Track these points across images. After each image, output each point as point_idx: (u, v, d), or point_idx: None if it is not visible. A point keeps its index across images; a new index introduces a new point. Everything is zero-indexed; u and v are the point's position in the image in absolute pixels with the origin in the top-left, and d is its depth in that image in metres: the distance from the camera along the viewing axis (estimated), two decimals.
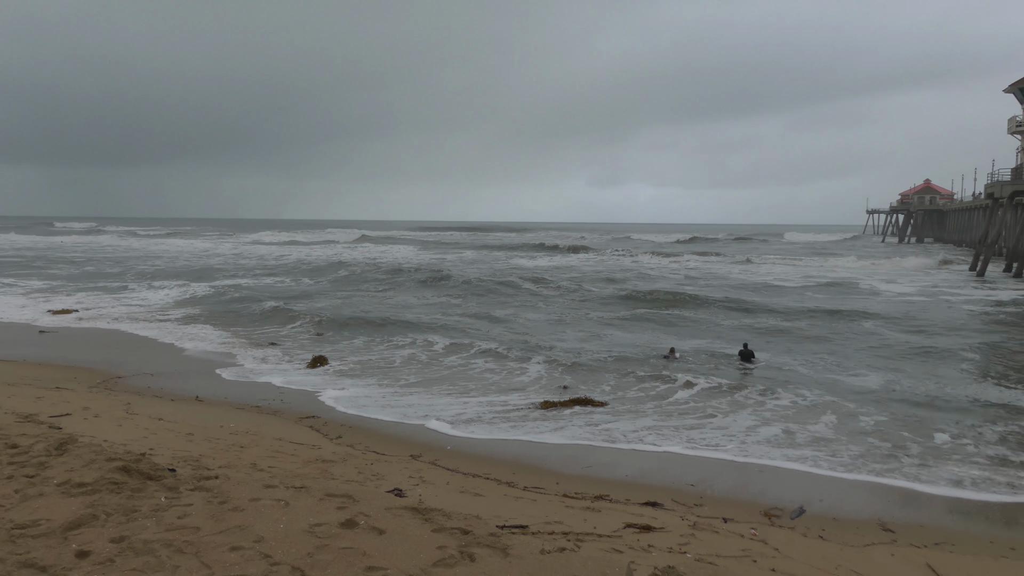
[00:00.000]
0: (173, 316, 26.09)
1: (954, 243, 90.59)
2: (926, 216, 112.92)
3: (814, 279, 45.22)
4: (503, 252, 77.75)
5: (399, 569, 4.61)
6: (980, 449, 11.52)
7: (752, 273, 51.11)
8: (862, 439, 11.93)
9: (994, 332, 24.60)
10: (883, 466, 10.62)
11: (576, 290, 36.23)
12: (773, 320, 26.29)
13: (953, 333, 24.02)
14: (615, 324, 25.50)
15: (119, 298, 31.63)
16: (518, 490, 8.98)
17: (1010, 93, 50.16)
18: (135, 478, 6.11)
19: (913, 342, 21.99)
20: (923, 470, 10.44)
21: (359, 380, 16.25)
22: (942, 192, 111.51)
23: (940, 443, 11.78)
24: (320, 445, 10.63)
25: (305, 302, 30.49)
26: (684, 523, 7.59)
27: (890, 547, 7.64)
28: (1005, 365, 18.82)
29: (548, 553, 5.19)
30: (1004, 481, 10.02)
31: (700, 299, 31.71)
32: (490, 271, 48.54)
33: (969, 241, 74.75)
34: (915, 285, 42.35)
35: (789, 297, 35.01)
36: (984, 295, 36.68)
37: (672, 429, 12.41)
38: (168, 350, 19.56)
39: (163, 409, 12.36)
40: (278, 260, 59.76)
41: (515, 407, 13.94)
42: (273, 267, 51.90)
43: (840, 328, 24.54)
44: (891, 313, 28.51)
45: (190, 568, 4.45)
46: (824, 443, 11.70)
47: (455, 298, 33.47)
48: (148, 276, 43.13)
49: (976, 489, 9.69)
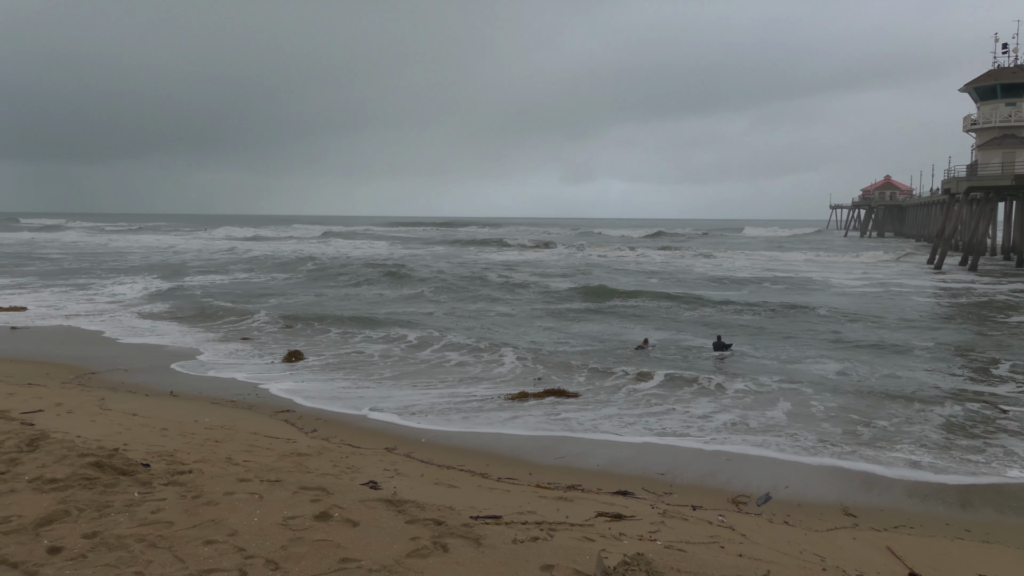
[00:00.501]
0: (142, 312, 25.85)
1: (913, 237, 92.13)
2: (886, 211, 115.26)
3: (772, 272, 46.17)
4: (474, 247, 77.99)
5: (373, 560, 4.69)
6: (933, 434, 11.92)
7: (715, 267, 52.45)
8: (822, 426, 12.26)
9: (944, 321, 25.42)
10: (842, 449, 10.96)
11: (545, 284, 36.57)
12: (733, 313, 26.76)
13: (906, 323, 24.70)
14: (584, 317, 25.73)
15: (86, 294, 31.22)
16: (492, 481, 9.08)
17: (965, 92, 51.09)
18: (108, 473, 6.13)
19: (868, 332, 22.60)
20: (881, 454, 10.77)
21: (335, 375, 16.26)
22: (902, 188, 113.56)
23: (895, 429, 12.15)
24: (295, 439, 10.65)
25: (275, 298, 30.41)
26: (654, 511, 7.74)
27: (852, 531, 7.87)
28: (953, 353, 19.46)
29: (521, 542, 5.29)
30: (958, 464, 10.38)
31: (664, 293, 32.29)
32: (459, 266, 48.76)
33: (927, 235, 76.10)
34: (873, 278, 43.37)
35: (748, 289, 35.83)
36: (938, 286, 37.64)
37: (643, 419, 12.60)
38: (140, 346, 19.41)
39: (137, 404, 12.30)
40: (246, 256, 59.36)
41: (489, 398, 14.05)
42: (241, 262, 51.57)
43: (799, 319, 25.06)
44: (847, 305, 29.30)
45: (163, 562, 4.50)
46: (787, 430, 12.00)
47: (425, 293, 33.53)
48: (114, 272, 42.59)
49: (933, 471, 10.02)
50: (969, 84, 50.16)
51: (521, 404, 13.58)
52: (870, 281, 41.19)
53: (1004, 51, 49.89)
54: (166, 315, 25.13)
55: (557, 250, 72.60)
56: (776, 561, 5.92)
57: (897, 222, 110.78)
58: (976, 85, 49.57)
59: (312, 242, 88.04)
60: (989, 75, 49.45)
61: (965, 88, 50.75)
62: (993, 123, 48.85)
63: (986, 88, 49.06)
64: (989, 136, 49.27)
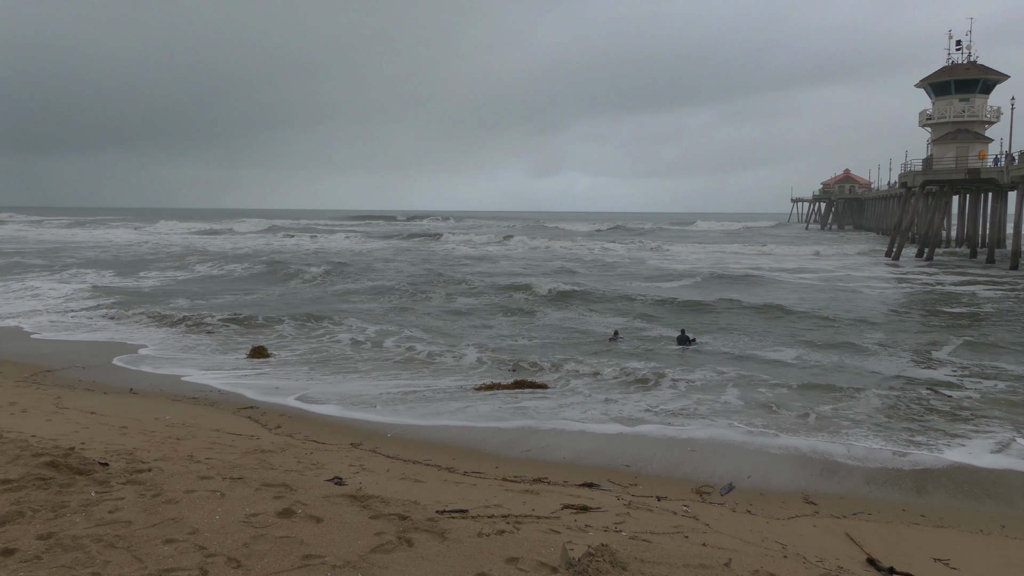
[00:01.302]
0: (93, 309, 25.26)
1: (872, 230, 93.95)
2: (846, 204, 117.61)
3: (723, 265, 47.03)
4: (415, 240, 77.86)
5: (336, 556, 4.65)
6: (883, 421, 12.31)
7: (670, 259, 53.48)
8: (781, 415, 12.53)
9: (894, 311, 26.18)
10: (800, 437, 11.23)
11: (508, 278, 36.71)
12: (686, 307, 27.08)
13: (860, 312, 25.44)
14: (548, 310, 25.86)
15: (29, 290, 30.37)
16: (458, 475, 9.08)
17: (921, 88, 52.23)
18: (64, 473, 5.99)
19: (821, 322, 23.19)
20: (838, 440, 11.08)
21: (299, 369, 16.11)
22: (860, 181, 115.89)
23: (849, 416, 12.51)
24: (259, 436, 10.53)
25: (232, 295, 30.00)
26: (620, 502, 7.81)
27: (812, 519, 8.03)
28: (904, 338, 20.22)
29: (486, 536, 5.30)
30: (905, 447, 10.70)
31: (622, 287, 32.76)
32: (421, 260, 48.69)
33: (885, 228, 77.69)
34: (832, 269, 44.30)
35: (692, 280, 36.64)
36: (892, 277, 38.75)
37: (609, 410, 12.68)
38: (96, 343, 19.00)
39: (95, 402, 12.05)
40: (202, 250, 58.31)
41: (457, 389, 14.05)
42: (196, 257, 50.51)
43: (755, 311, 25.54)
44: (802, 296, 29.92)
45: (121, 563, 4.41)
46: (747, 419, 12.24)
47: (387, 286, 33.34)
48: (58, 268, 41.42)
49: (891, 458, 10.27)
50: (925, 80, 51.26)
51: (489, 395, 13.59)
52: (830, 271, 42.03)
53: (958, 48, 51.07)
54: (118, 311, 24.56)
55: (518, 243, 72.91)
56: (738, 549, 6.00)
57: (856, 215, 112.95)
58: (931, 81, 50.68)
59: (271, 236, 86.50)
60: (944, 71, 50.57)
61: (921, 84, 51.85)
62: (947, 118, 49.98)
63: (940, 84, 50.18)
64: (944, 131, 50.41)
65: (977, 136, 49.39)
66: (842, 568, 6.08)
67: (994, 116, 49.70)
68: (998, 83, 49.72)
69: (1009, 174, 42.66)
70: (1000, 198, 48.30)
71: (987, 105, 49.72)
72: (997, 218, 48.56)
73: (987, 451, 10.55)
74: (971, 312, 25.77)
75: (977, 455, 10.34)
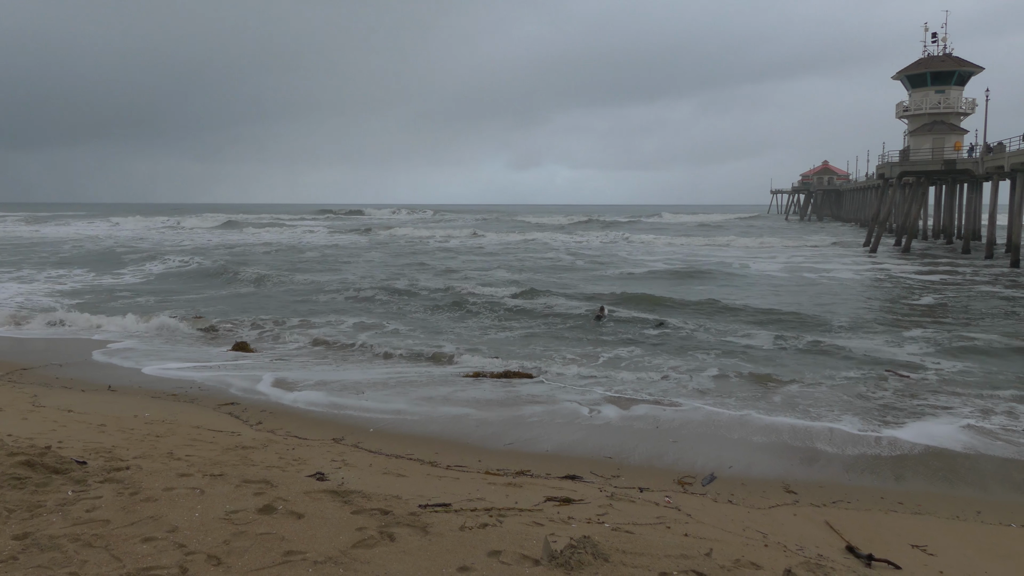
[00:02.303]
0: (67, 304, 24.94)
1: (850, 221, 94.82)
2: (825, 196, 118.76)
3: (694, 257, 47.36)
4: (355, 234, 77.62)
5: (318, 552, 4.64)
6: (865, 403, 12.59)
7: (643, 251, 53.91)
8: (759, 402, 12.68)
9: (872, 298, 26.77)
10: (776, 419, 11.45)
11: (485, 270, 36.86)
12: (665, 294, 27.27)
13: (830, 302, 25.91)
14: (511, 301, 25.89)
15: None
16: (441, 469, 9.06)
17: (898, 80, 52.74)
18: (40, 472, 5.92)
19: (797, 307, 23.82)
20: (814, 419, 11.36)
21: (285, 364, 16.00)
22: (839, 173, 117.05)
23: (827, 402, 12.73)
24: (240, 432, 10.45)
25: (206, 291, 29.74)
26: (602, 494, 7.84)
27: (793, 507, 8.10)
28: (874, 322, 20.77)
29: (469, 529, 5.30)
30: (886, 433, 10.87)
31: (597, 275, 33.32)
32: (393, 255, 48.75)
33: (863, 219, 78.46)
34: (792, 260, 44.86)
35: (667, 270, 37.26)
36: (869, 267, 39.19)
37: (593, 399, 12.72)
38: (71, 340, 18.76)
39: (73, 400, 11.91)
40: (172, 246, 57.52)
41: (441, 379, 14.05)
42: (161, 252, 49.73)
43: (704, 304, 25.74)
44: (777, 283, 30.39)
45: (99, 562, 4.36)
46: (725, 401, 12.40)
47: (360, 280, 33.21)
48: (21, 264, 40.66)
49: (869, 445, 10.42)
50: (901, 72, 51.77)
51: (473, 385, 13.59)
52: (791, 265, 42.37)
53: (934, 40, 51.61)
54: (92, 306, 24.26)
55: (489, 237, 72.99)
56: (720, 539, 6.05)
57: (835, 206, 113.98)
58: (908, 73, 51.18)
59: (215, 232, 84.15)
60: (920, 63, 51.10)
61: (898, 76, 52.35)
62: (924, 110, 50.53)
63: (917, 76, 50.69)
64: (920, 122, 50.97)
65: (953, 127, 49.99)
66: (822, 556, 6.14)
67: (969, 107, 50.32)
68: (973, 75, 50.33)
69: (984, 165, 43.21)
70: (975, 189, 48.96)
71: (962, 97, 50.33)
72: (972, 208, 49.22)
73: (959, 436, 10.73)
74: (940, 301, 26.20)
75: (951, 440, 10.53)
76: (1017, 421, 11.55)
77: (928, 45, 51.83)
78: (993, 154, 42.50)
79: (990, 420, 11.58)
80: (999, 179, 42.84)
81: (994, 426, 11.23)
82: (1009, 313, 23.10)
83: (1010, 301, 25.77)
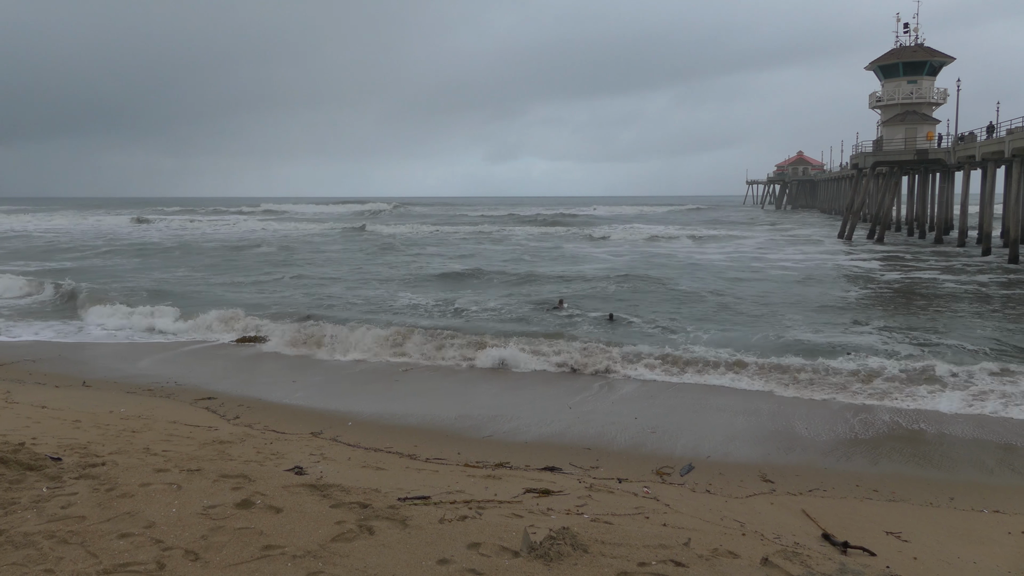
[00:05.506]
0: (37, 300, 24.56)
1: (825, 211, 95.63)
2: (800, 186, 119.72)
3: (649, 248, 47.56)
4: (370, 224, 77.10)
5: (296, 546, 4.62)
6: (826, 389, 12.87)
7: (604, 247, 52.83)
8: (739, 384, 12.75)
9: (850, 287, 27.05)
10: (752, 404, 11.52)
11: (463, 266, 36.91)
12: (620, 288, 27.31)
13: (807, 284, 26.71)
14: (466, 286, 25.99)
15: None
16: (420, 462, 9.06)
17: (871, 70, 53.19)
18: (13, 469, 5.84)
19: (758, 299, 23.97)
20: (793, 415, 11.34)
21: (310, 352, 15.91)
22: (813, 163, 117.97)
23: (795, 384, 13.03)
24: (217, 426, 10.38)
25: (184, 284, 29.44)
26: (581, 485, 7.88)
27: (770, 496, 8.20)
28: (841, 311, 21.27)
29: (448, 522, 5.30)
30: (864, 419, 11.05)
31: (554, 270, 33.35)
32: (358, 248, 48.63)
33: (838, 209, 79.20)
34: (785, 251, 45.27)
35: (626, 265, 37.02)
36: (845, 256, 39.65)
37: (566, 393, 12.77)
38: (45, 336, 18.50)
39: (47, 396, 11.75)
40: (144, 241, 56.82)
41: (414, 367, 14.04)
42: (132, 247, 49.14)
43: (687, 288, 26.09)
44: (743, 274, 30.79)
45: (75, 558, 4.32)
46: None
47: (328, 275, 33.07)
48: None
49: (843, 432, 10.60)
50: (874, 63, 52.18)
51: (451, 376, 13.58)
52: (786, 254, 42.82)
53: (906, 31, 52.04)
54: (68, 302, 23.89)
55: (459, 228, 72.61)
56: (698, 529, 6.11)
57: (810, 196, 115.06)
58: (880, 64, 51.60)
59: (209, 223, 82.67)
60: (892, 54, 51.52)
61: (870, 66, 52.77)
62: (896, 100, 50.99)
63: (889, 66, 51.12)
64: (893, 113, 51.45)
65: (925, 118, 50.51)
66: (799, 544, 6.22)
67: (941, 98, 50.85)
68: (944, 65, 50.84)
69: (955, 155, 43.79)
70: (947, 178, 49.60)
71: (934, 87, 50.83)
72: (945, 198, 49.88)
73: (932, 419, 10.94)
74: (907, 286, 26.76)
75: (924, 421, 10.74)
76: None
77: (900, 35, 52.27)
78: (964, 143, 43.09)
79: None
80: (970, 168, 43.42)
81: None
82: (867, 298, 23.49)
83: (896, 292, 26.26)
